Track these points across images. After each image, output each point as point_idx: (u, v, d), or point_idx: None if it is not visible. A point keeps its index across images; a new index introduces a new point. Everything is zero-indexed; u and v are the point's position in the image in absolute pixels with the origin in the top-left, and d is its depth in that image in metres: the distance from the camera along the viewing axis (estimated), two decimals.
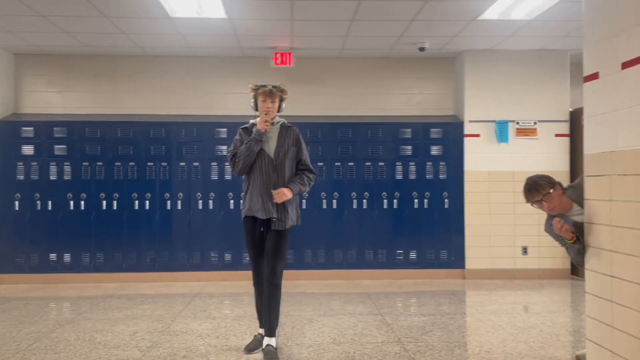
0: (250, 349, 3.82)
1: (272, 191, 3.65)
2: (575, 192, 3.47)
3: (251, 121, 3.89)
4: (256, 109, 3.82)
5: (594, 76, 3.08)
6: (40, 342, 4.11)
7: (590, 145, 3.12)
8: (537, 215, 6.68)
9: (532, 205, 3.50)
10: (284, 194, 3.64)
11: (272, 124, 3.81)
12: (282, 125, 3.86)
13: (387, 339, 4.15)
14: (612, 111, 2.90)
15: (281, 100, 3.84)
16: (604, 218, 2.98)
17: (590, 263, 3.14)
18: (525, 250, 6.79)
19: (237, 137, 3.86)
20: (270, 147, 3.77)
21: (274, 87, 3.77)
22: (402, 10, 5.25)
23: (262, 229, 3.75)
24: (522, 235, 6.79)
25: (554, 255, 6.79)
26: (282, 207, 3.71)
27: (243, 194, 3.84)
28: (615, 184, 2.87)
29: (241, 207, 3.86)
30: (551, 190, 3.41)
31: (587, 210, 3.16)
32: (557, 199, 3.42)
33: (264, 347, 3.69)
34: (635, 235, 2.70)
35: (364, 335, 4.25)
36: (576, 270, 6.78)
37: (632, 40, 2.74)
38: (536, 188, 3.43)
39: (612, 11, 2.92)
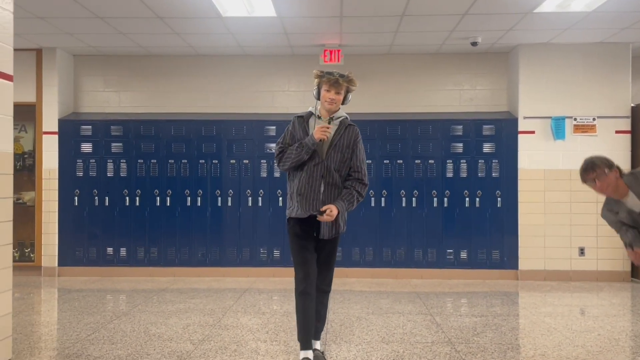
0: None
1: (322, 208, 3.32)
2: (634, 180, 3.31)
3: (310, 109, 3.53)
4: (318, 98, 3.46)
5: None
6: (98, 332, 4.27)
7: None
8: (595, 215, 6.46)
9: (586, 184, 3.36)
10: (330, 215, 3.30)
11: (332, 118, 3.44)
12: (342, 122, 3.48)
13: (437, 339, 4.09)
14: None
15: (347, 91, 3.43)
16: None
17: None
18: (582, 251, 6.54)
19: (289, 127, 3.50)
20: (324, 145, 3.41)
21: (341, 76, 3.37)
22: (454, 4, 5.14)
23: (315, 234, 3.45)
24: (579, 236, 6.54)
25: (613, 257, 6.52)
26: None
27: (289, 193, 3.52)
28: None
29: (287, 208, 3.52)
30: (606, 170, 3.27)
31: None
32: (612, 179, 3.27)
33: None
34: None
35: (414, 335, 4.19)
36: (637, 272, 6.49)
37: None
38: (592, 166, 3.30)
39: None
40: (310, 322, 3.38)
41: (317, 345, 3.57)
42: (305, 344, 3.36)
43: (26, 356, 3.70)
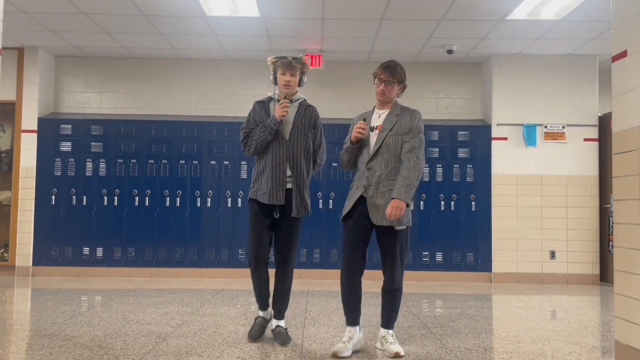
0: (254, 337, 3.54)
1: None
2: (407, 113, 3.28)
3: (269, 94, 3.67)
4: (275, 83, 3.60)
5: (623, 54, 3.12)
6: (75, 318, 4.24)
7: (618, 123, 3.15)
8: (565, 220, 6.69)
9: (375, 78, 3.33)
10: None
11: (292, 101, 3.55)
12: (302, 104, 3.60)
13: (413, 324, 4.17)
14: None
15: (302, 73, 3.57)
16: (634, 193, 2.99)
17: (619, 262, 3.13)
18: (553, 255, 6.73)
19: (251, 112, 3.60)
20: (286, 127, 3.50)
21: (294, 58, 3.52)
22: (432, 8, 5.36)
23: (275, 215, 3.48)
24: (550, 240, 6.73)
25: (583, 260, 6.72)
26: (298, 194, 3.48)
27: (254, 175, 3.56)
28: None
29: (250, 188, 3.58)
30: (397, 83, 3.28)
31: (615, 188, 3.18)
32: (394, 93, 3.31)
33: (273, 327, 3.55)
34: None
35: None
36: (606, 276, 6.69)
37: None
38: (393, 71, 3.25)
39: None
40: (260, 288, 3.53)
41: (282, 323, 3.58)
42: (262, 305, 3.60)
43: (7, 333, 3.67)
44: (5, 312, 4.52)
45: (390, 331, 3.34)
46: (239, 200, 6.80)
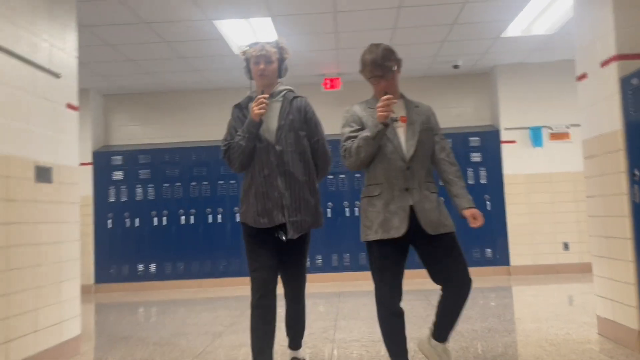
0: None
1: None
2: (420, 108, 2.78)
3: (248, 93, 2.96)
4: (251, 77, 2.90)
5: (583, 76, 3.72)
6: (141, 324, 5.02)
7: (586, 133, 3.75)
8: (575, 213, 7.19)
9: (369, 79, 2.80)
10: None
11: (272, 95, 2.85)
12: (286, 97, 2.89)
13: (431, 313, 4.81)
14: (596, 103, 3.54)
15: (281, 60, 2.89)
16: (600, 190, 3.58)
17: (594, 249, 3.72)
18: (566, 246, 7.24)
19: (231, 120, 2.91)
20: (270, 128, 2.82)
21: (269, 43, 2.85)
22: (434, 32, 6.00)
23: (280, 236, 2.84)
24: (562, 232, 7.25)
25: None
26: (297, 208, 2.82)
27: (242, 193, 2.92)
28: (604, 161, 3.49)
29: (240, 209, 2.92)
30: (395, 65, 2.72)
31: (587, 187, 3.76)
32: (397, 78, 2.78)
33: None
34: (620, 200, 3.31)
35: (411, 312, 4.91)
36: None
37: (607, 42, 3.39)
38: (387, 54, 2.69)
39: (594, 18, 3.57)
40: (268, 340, 2.93)
41: (299, 354, 3.18)
42: None
43: (89, 338, 4.47)
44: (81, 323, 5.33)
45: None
46: None
